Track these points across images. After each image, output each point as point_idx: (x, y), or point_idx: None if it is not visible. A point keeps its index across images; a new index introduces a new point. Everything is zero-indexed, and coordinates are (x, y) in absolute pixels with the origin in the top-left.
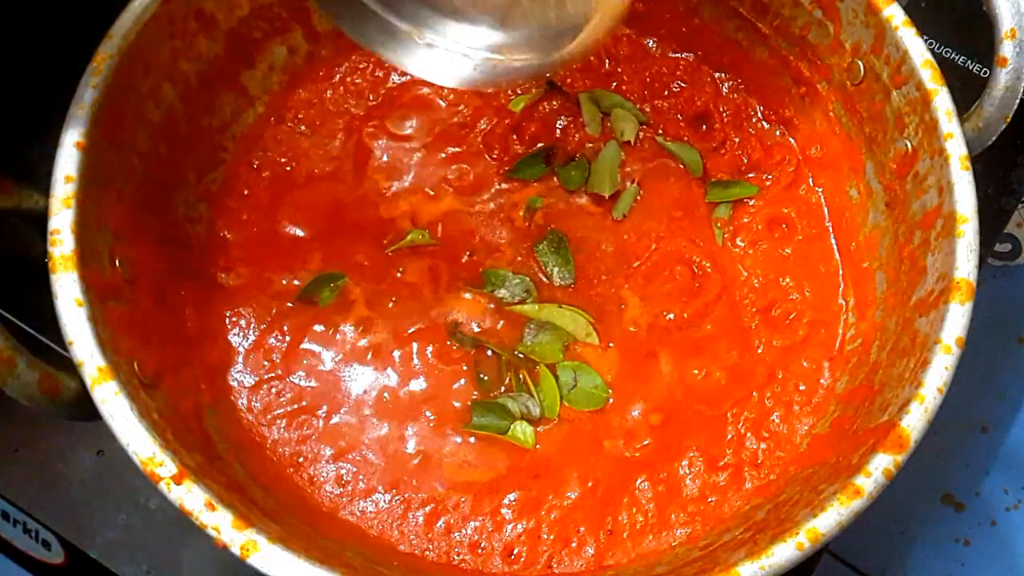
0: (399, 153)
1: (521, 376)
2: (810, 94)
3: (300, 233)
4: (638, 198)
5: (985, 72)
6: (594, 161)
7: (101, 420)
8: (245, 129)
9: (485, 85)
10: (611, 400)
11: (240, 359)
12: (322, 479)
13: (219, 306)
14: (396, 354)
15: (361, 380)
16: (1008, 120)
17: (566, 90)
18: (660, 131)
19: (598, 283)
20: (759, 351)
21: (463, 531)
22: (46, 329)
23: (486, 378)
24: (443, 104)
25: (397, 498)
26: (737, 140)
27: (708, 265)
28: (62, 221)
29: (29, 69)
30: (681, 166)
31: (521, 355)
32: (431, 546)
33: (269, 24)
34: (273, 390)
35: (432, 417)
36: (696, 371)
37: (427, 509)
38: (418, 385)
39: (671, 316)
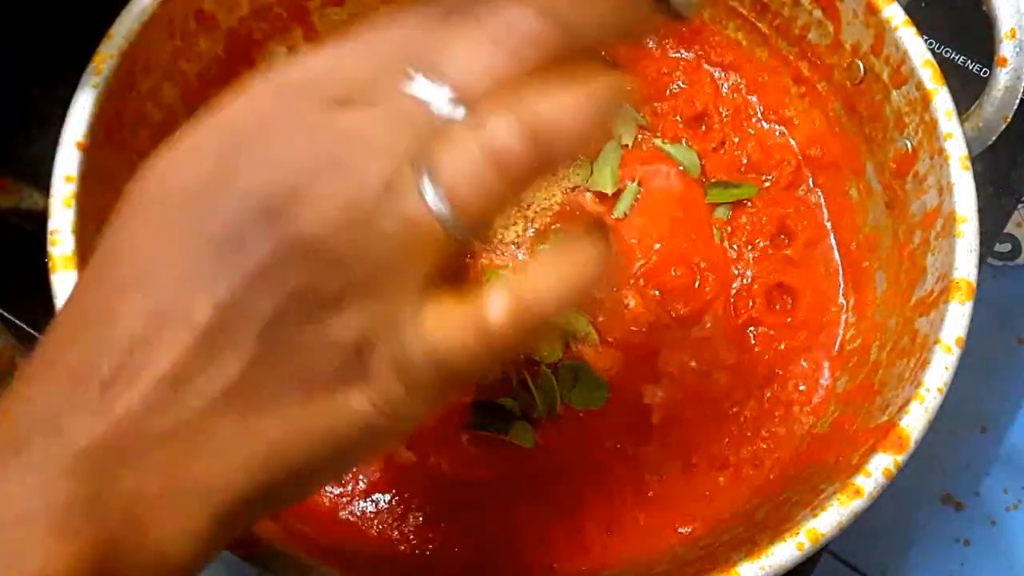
0: None
1: (521, 376)
2: (810, 94)
3: None
4: (638, 197)
5: (985, 72)
6: (595, 161)
7: None
8: None
9: None
10: (611, 400)
11: None
12: None
13: None
14: None
15: None
16: (1008, 120)
17: None
18: (659, 133)
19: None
20: (759, 351)
21: (463, 530)
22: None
23: (486, 378)
24: None
25: (397, 498)
26: (737, 140)
27: (708, 265)
28: (62, 221)
29: (29, 69)
30: (681, 167)
31: (521, 355)
32: (431, 546)
33: (269, 24)
34: None
35: (431, 417)
36: (696, 371)
37: (427, 509)
38: None
39: (671, 315)
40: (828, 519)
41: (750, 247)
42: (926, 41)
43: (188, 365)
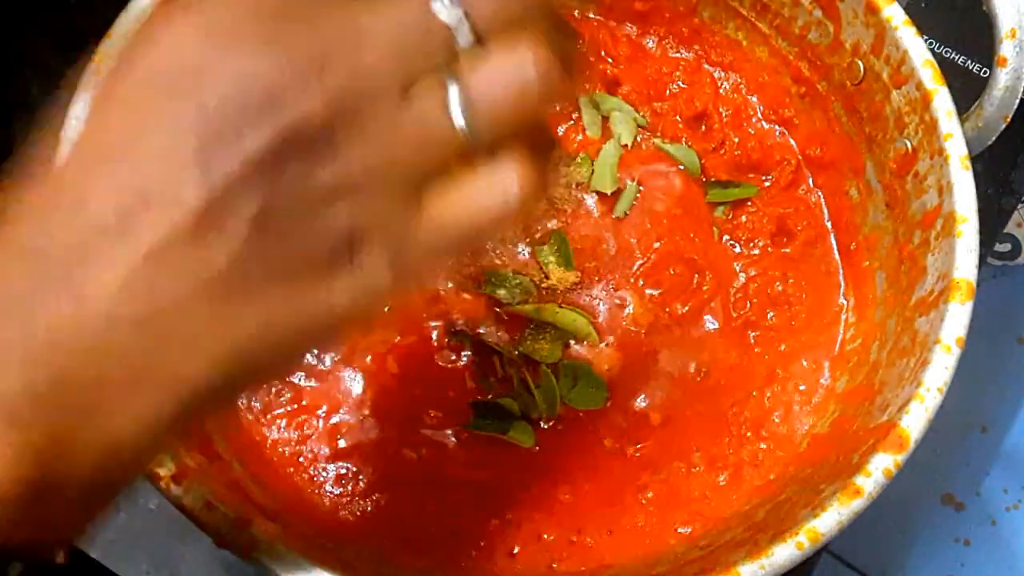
0: None
1: (521, 376)
2: (810, 94)
3: None
4: (638, 196)
5: (985, 72)
6: (595, 160)
7: None
8: None
9: None
10: (611, 400)
11: None
12: (322, 479)
13: None
14: (396, 354)
15: (360, 380)
16: (1008, 120)
17: None
18: (659, 133)
19: (599, 283)
20: (759, 351)
21: (464, 530)
22: None
23: (486, 378)
24: None
25: (397, 498)
26: (737, 140)
27: (707, 264)
28: None
29: (29, 69)
30: (680, 167)
31: (521, 355)
32: (431, 545)
33: None
34: (273, 390)
35: (432, 417)
36: (696, 371)
37: (427, 509)
38: (418, 385)
39: (671, 315)
40: (828, 519)
41: (750, 246)
42: (926, 41)
43: (172, 248)
